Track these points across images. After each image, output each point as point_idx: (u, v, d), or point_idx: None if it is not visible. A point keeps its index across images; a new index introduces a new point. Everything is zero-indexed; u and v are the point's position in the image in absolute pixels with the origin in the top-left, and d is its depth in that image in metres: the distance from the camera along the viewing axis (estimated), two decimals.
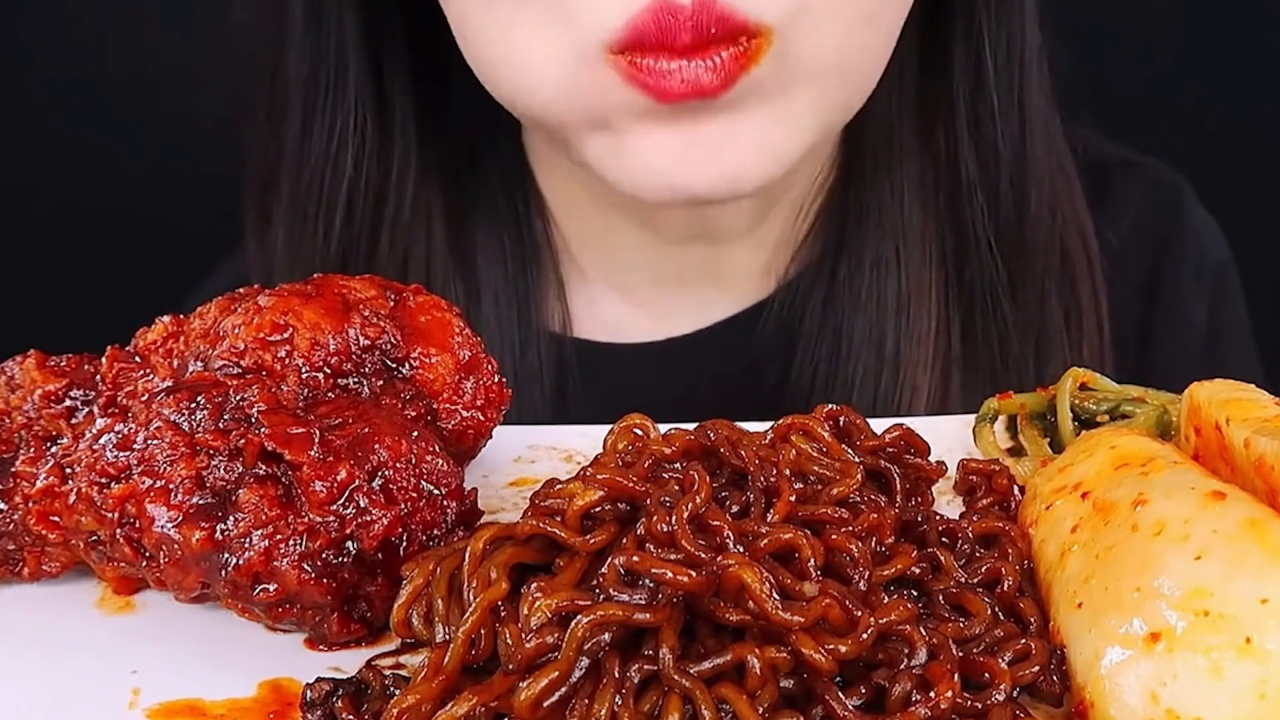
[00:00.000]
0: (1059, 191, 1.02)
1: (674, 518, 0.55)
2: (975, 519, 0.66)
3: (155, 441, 0.62)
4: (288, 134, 1.00)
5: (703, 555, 0.54)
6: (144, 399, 0.65)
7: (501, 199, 1.04)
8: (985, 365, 0.99)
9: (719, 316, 1.04)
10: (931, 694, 0.53)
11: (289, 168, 1.01)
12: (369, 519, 0.61)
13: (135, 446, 0.63)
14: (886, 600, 0.56)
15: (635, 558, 0.54)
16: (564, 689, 0.52)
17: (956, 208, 1.00)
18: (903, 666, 0.54)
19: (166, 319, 0.69)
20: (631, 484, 0.57)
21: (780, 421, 0.67)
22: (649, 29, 0.77)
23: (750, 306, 1.04)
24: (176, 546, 0.61)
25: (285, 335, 0.66)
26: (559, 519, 0.57)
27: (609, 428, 0.66)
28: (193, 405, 0.63)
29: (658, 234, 1.01)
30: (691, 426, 0.64)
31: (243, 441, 0.61)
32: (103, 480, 0.63)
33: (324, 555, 0.60)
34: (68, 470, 0.64)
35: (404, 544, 0.62)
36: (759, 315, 1.03)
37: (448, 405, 0.70)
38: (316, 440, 0.61)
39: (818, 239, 1.02)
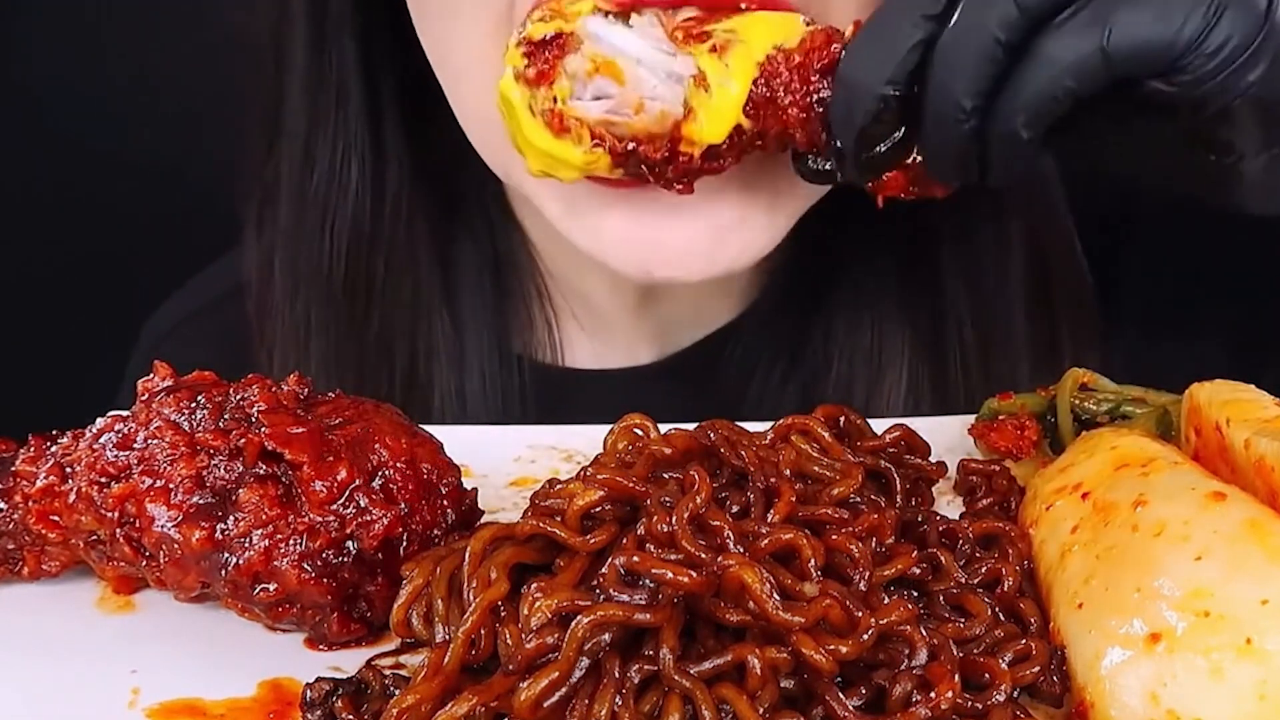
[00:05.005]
0: (1051, 253, 1.01)
1: (674, 518, 0.55)
2: (975, 519, 0.66)
3: (155, 441, 0.62)
4: (288, 158, 1.00)
5: (703, 555, 0.54)
6: (144, 398, 0.65)
7: (483, 232, 1.03)
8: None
9: (685, 343, 1.04)
10: (932, 694, 0.53)
11: (290, 190, 1.00)
12: (369, 519, 0.61)
13: (135, 446, 0.63)
14: (887, 601, 0.56)
15: (635, 558, 0.54)
16: (564, 689, 0.52)
17: (935, 276, 0.98)
18: (903, 667, 0.54)
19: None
20: (631, 484, 0.57)
21: (780, 421, 0.67)
22: None
23: (716, 330, 1.03)
24: (176, 546, 0.61)
25: None
26: (559, 519, 0.57)
27: (609, 428, 0.66)
28: (193, 405, 0.63)
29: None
30: (692, 426, 0.64)
31: (243, 441, 0.61)
32: (103, 479, 0.63)
33: (324, 555, 0.60)
34: (68, 469, 0.64)
35: (404, 544, 0.62)
36: (726, 342, 1.03)
37: None
38: (316, 440, 0.61)
39: (782, 272, 1.01)
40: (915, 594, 0.60)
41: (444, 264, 1.02)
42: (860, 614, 0.54)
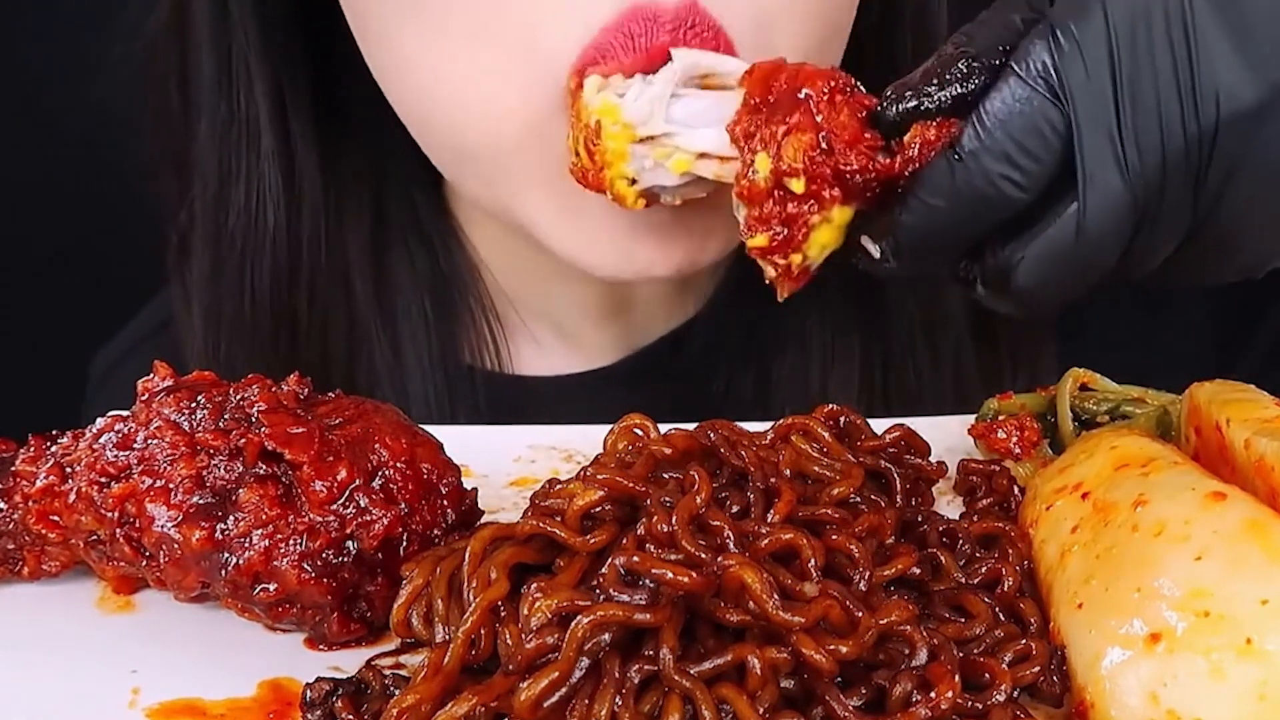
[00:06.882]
0: None
1: (674, 518, 0.55)
2: (975, 519, 0.66)
3: (155, 441, 0.62)
4: (201, 202, 0.97)
5: (703, 555, 0.54)
6: (144, 398, 0.65)
7: (418, 253, 1.01)
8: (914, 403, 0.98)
9: (644, 343, 1.03)
10: (932, 694, 0.53)
11: (206, 237, 0.98)
12: (369, 519, 0.61)
13: (135, 446, 0.63)
14: (887, 601, 0.56)
15: (635, 558, 0.54)
16: (564, 689, 0.52)
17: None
18: (903, 667, 0.54)
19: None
20: (631, 484, 0.57)
21: (780, 421, 0.67)
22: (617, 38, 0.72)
23: (676, 328, 1.02)
24: (176, 546, 0.61)
25: None
26: (559, 519, 0.57)
27: (609, 427, 0.66)
28: (193, 405, 0.63)
29: (587, 278, 0.99)
30: (692, 426, 0.64)
31: (243, 441, 0.61)
32: (103, 479, 0.63)
33: (324, 555, 0.60)
34: (68, 469, 0.64)
35: (404, 544, 0.62)
36: (685, 338, 1.02)
37: None
38: (316, 440, 0.61)
39: (737, 263, 1.00)
40: (915, 594, 0.60)
41: (377, 292, 1.00)
42: (860, 614, 0.54)
